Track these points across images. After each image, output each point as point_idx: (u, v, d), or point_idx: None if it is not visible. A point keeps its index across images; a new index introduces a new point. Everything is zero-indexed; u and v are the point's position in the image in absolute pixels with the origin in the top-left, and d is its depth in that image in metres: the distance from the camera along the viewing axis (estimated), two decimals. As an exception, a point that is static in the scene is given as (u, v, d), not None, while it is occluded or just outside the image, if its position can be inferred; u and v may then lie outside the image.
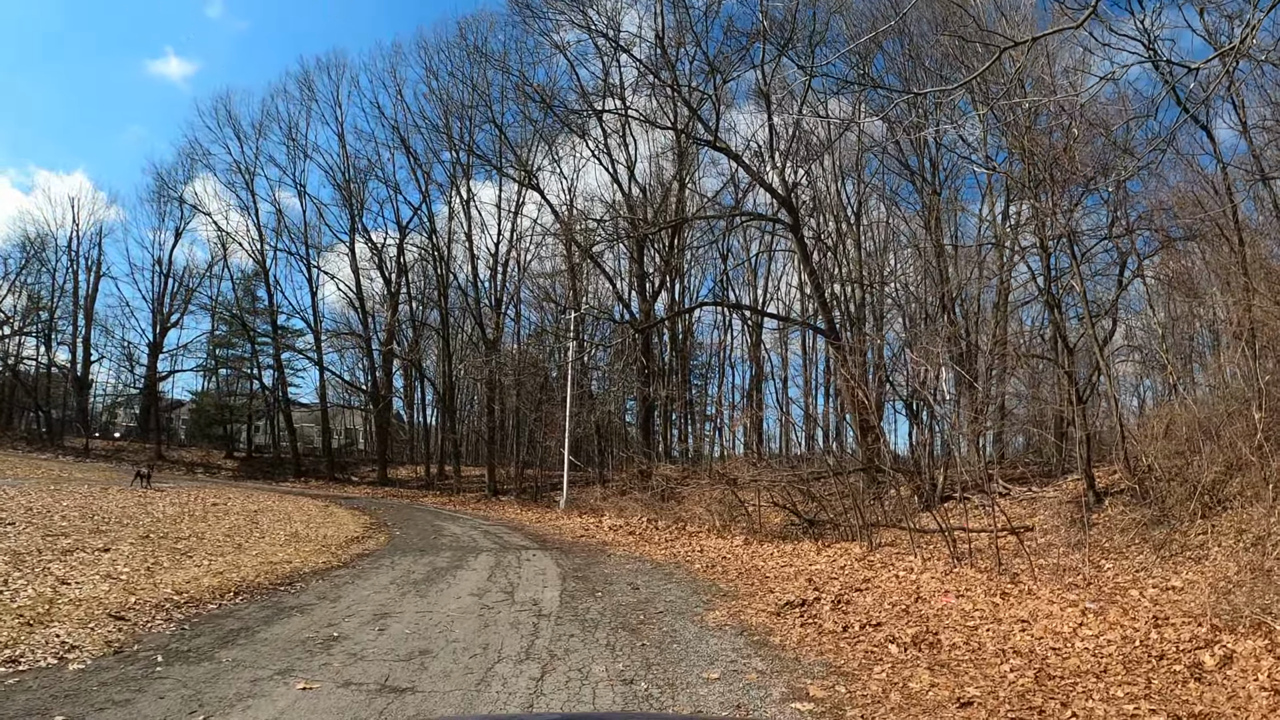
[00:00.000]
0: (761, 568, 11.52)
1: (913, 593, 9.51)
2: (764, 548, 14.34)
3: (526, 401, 30.45)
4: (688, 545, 14.64)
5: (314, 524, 15.31)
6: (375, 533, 14.53)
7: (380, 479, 35.10)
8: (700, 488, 17.27)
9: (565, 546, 13.53)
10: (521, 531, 16.41)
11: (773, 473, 15.85)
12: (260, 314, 38.45)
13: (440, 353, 36.65)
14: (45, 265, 41.31)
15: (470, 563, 10.57)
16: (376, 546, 12.36)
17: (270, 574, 9.09)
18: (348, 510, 19.70)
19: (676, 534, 16.66)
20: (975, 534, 12.98)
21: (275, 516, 16.28)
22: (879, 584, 10.14)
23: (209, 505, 17.81)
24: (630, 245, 27.52)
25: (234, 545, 11.36)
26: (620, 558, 12.08)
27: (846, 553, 13.45)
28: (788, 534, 16.73)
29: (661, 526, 18.45)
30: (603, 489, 28.27)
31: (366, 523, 16.48)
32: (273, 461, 38.97)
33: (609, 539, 15.44)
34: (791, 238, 24.59)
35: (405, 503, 26.00)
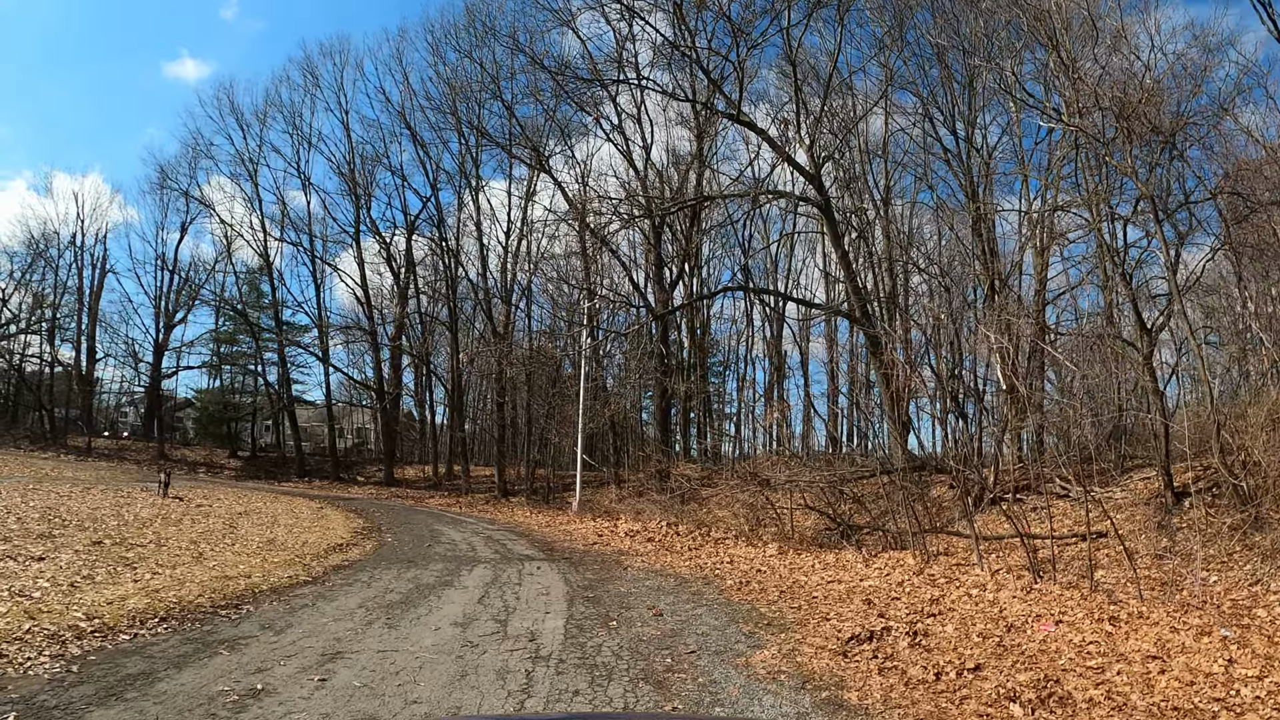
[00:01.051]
0: (805, 584, 9.84)
1: (997, 617, 7.82)
2: (801, 558, 12.66)
3: (538, 398, 28.90)
4: (714, 554, 12.96)
5: (298, 529, 13.81)
6: (363, 539, 12.99)
7: (386, 479, 33.73)
8: (726, 489, 15.58)
9: (576, 556, 11.89)
10: (528, 538, 14.81)
11: (812, 472, 14.12)
12: (265, 309, 37.26)
13: (450, 349, 35.24)
14: (49, 263, 40.46)
15: (462, 578, 8.96)
16: (359, 556, 10.80)
17: (218, 592, 7.54)
18: (342, 512, 18.22)
19: (700, 541, 14.99)
20: (1042, 541, 11.27)
21: (258, 520, 14.81)
22: (953, 606, 8.42)
23: (193, 507, 16.41)
24: (647, 232, 25.87)
25: (194, 554, 9.85)
26: (638, 571, 10.43)
27: (898, 564, 11.76)
28: (823, 540, 15.04)
29: (683, 532, 16.78)
30: (618, 490, 26.63)
31: (357, 527, 14.96)
32: (277, 461, 37.75)
33: (625, 546, 13.79)
34: (821, 218, 22.82)
35: (407, 505, 24.53)
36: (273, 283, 35.95)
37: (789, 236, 31.43)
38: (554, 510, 23.56)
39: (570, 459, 30.94)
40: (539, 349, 29.04)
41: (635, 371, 24.88)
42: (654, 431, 28.36)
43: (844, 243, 22.18)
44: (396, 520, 17.31)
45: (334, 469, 35.06)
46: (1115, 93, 12.73)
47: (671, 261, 28.18)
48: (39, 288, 40.92)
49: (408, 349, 37.22)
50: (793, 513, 15.90)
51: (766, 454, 16.41)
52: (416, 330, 37.02)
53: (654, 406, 29.42)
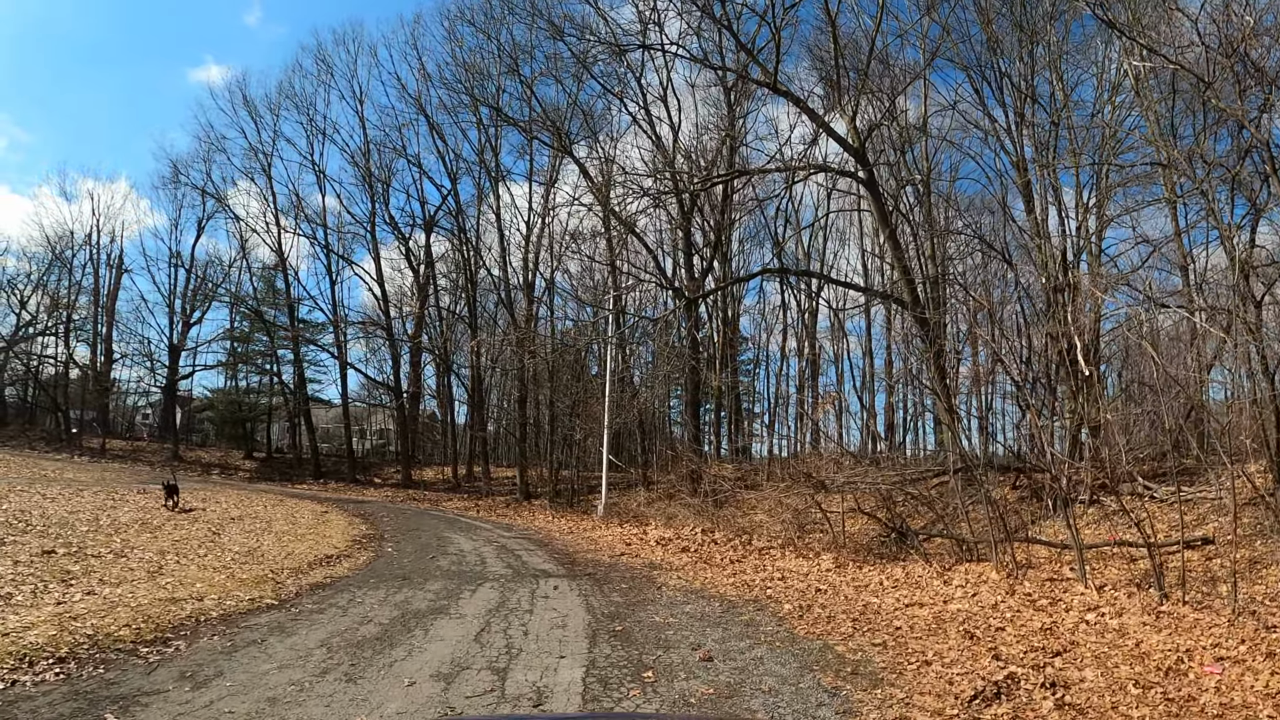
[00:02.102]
0: (880, 609, 8.11)
1: (1138, 654, 6.23)
2: (864, 573, 10.93)
3: (562, 395, 27.41)
4: (761, 569, 11.26)
5: (289, 536, 12.41)
6: (359, 549, 11.52)
7: (404, 481, 32.49)
8: (774, 492, 13.85)
9: (600, 572, 10.27)
10: (547, 547, 13.23)
11: (873, 472, 12.34)
12: (280, 307, 36.31)
13: (470, 345, 33.95)
14: (64, 263, 40.13)
15: (462, 603, 7.39)
16: (347, 571, 9.31)
17: (153, 620, 6.07)
18: (347, 517, 16.86)
19: (742, 551, 13.28)
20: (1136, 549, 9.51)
21: (250, 526, 13.46)
22: (1076, 639, 6.75)
23: (186, 511, 15.15)
24: (675, 216, 24.19)
25: (152, 568, 8.43)
26: (675, 591, 8.76)
27: (980, 579, 9.99)
28: (879, 549, 13.27)
29: (721, 540, 15.09)
30: (646, 492, 25.00)
31: (357, 534, 13.53)
32: (293, 463, 36.76)
33: (657, 558, 12.13)
34: (865, 195, 20.94)
35: (421, 508, 23.16)
36: (286, 278, 35.05)
37: (824, 222, 29.58)
38: (578, 514, 22.01)
39: (595, 459, 29.37)
40: (563, 340, 27.49)
41: (664, 363, 23.24)
42: (684, 430, 26.67)
43: (891, 220, 20.30)
44: (403, 526, 15.88)
45: (351, 471, 33.95)
46: (1221, 30, 10.75)
47: (700, 252, 26.50)
48: (55, 289, 40.65)
49: (428, 346, 36.05)
50: (844, 518, 14.16)
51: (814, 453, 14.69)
52: (438, 328, 35.83)
53: (684, 403, 27.75)
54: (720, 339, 26.77)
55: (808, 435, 28.27)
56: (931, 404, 28.15)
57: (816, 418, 15.84)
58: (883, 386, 29.25)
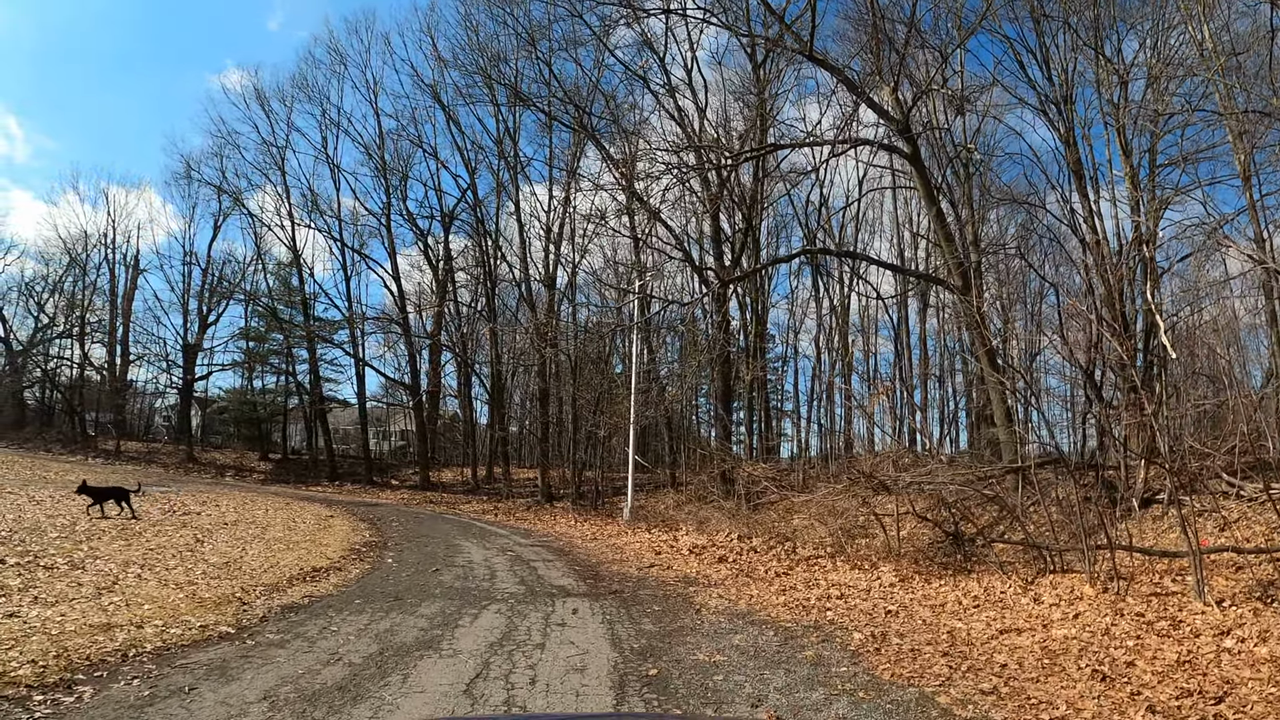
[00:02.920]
0: (969, 636, 6.69)
1: None
2: (933, 587, 9.47)
3: (585, 390, 26.14)
4: (813, 583, 9.84)
5: (282, 545, 11.25)
6: (355, 560, 10.30)
7: (422, 483, 31.48)
8: (826, 493, 12.35)
9: (628, 589, 8.92)
10: (567, 557, 11.91)
11: (949, 470, 10.82)
12: (295, 304, 35.56)
13: (489, 342, 32.88)
14: (77, 261, 39.94)
15: (459, 634, 6.08)
16: (333, 588, 8.07)
17: (74, 653, 4.89)
18: (353, 522, 15.74)
19: (786, 561, 11.84)
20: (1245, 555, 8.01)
21: (241, 533, 12.34)
22: (1232, 677, 5.48)
23: (170, 513, 14.13)
24: (703, 200, 22.77)
25: (103, 583, 7.28)
26: (718, 615, 7.38)
27: (1074, 595, 8.54)
28: (942, 558, 11.77)
29: (761, 548, 13.67)
30: (675, 494, 23.63)
31: (359, 542, 12.34)
32: (309, 464, 35.97)
33: (692, 570, 10.76)
34: (910, 171, 19.29)
35: (437, 512, 22.02)
36: (300, 273, 34.27)
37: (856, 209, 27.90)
38: (602, 518, 20.71)
39: (620, 459, 28.08)
40: (586, 328, 26.16)
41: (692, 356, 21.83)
42: (713, 428, 25.24)
43: (938, 198, 18.67)
44: (412, 532, 14.69)
45: (367, 472, 33.05)
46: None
47: (730, 239, 25.01)
48: (72, 291, 40.48)
49: (447, 344, 35.04)
50: (899, 522, 12.67)
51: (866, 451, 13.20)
52: (457, 325, 34.79)
53: (713, 399, 26.27)
54: (753, 331, 25.28)
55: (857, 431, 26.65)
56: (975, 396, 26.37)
57: (870, 410, 14.28)
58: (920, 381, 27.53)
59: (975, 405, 25.44)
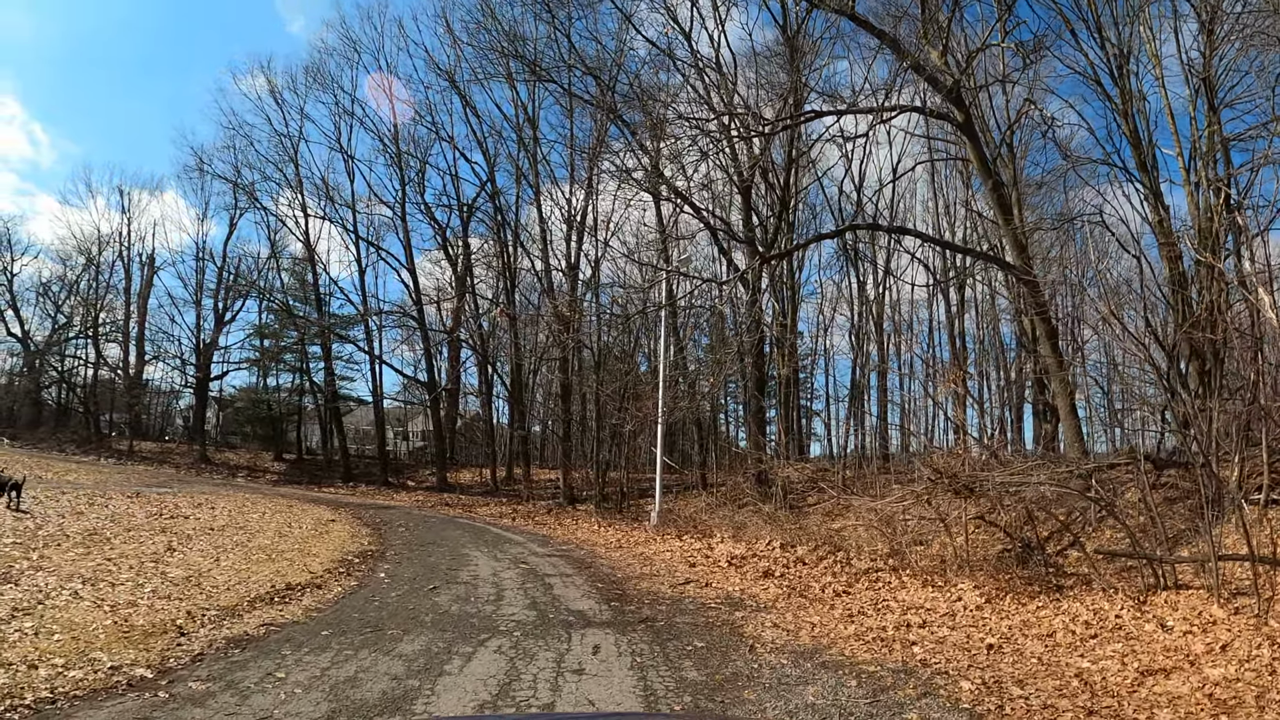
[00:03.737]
0: (1106, 683, 5.25)
1: None
2: (1027, 610, 7.93)
3: (609, 382, 24.72)
4: (882, 605, 8.29)
5: (265, 555, 9.95)
6: (343, 574, 8.95)
7: (439, 484, 30.29)
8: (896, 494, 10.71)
9: (662, 614, 7.42)
10: (590, 570, 10.45)
11: (1051, 468, 9.16)
12: (309, 301, 34.62)
13: (508, 331, 31.64)
14: (92, 260, 39.59)
15: (441, 685, 4.65)
16: (303, 614, 6.70)
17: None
18: (355, 526, 14.48)
19: (844, 576, 10.26)
20: None
21: (223, 540, 11.09)
22: None
23: (156, 515, 12.96)
24: (736, 172, 21.18)
25: (26, 604, 5.98)
26: (778, 655, 5.85)
27: (1200, 617, 6.98)
28: (1010, 569, 10.14)
29: (810, 559, 12.10)
30: (706, 497, 22.10)
31: (355, 551, 11.02)
32: (324, 465, 35.01)
33: (735, 588, 9.24)
34: (964, 143, 17.53)
35: (451, 515, 20.72)
36: (314, 267, 33.28)
37: (892, 191, 26.10)
38: (627, 523, 19.26)
39: (646, 459, 26.58)
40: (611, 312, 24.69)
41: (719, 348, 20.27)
42: (744, 426, 23.63)
43: (994, 170, 16.90)
44: (417, 539, 13.35)
45: (383, 473, 31.95)
46: None
47: (762, 224, 23.39)
48: (88, 291, 40.14)
49: (466, 340, 33.89)
50: (968, 529, 11.06)
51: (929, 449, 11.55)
52: (476, 320, 33.58)
53: (745, 395, 24.67)
54: (786, 323, 23.63)
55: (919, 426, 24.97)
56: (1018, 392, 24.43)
57: (939, 397, 12.54)
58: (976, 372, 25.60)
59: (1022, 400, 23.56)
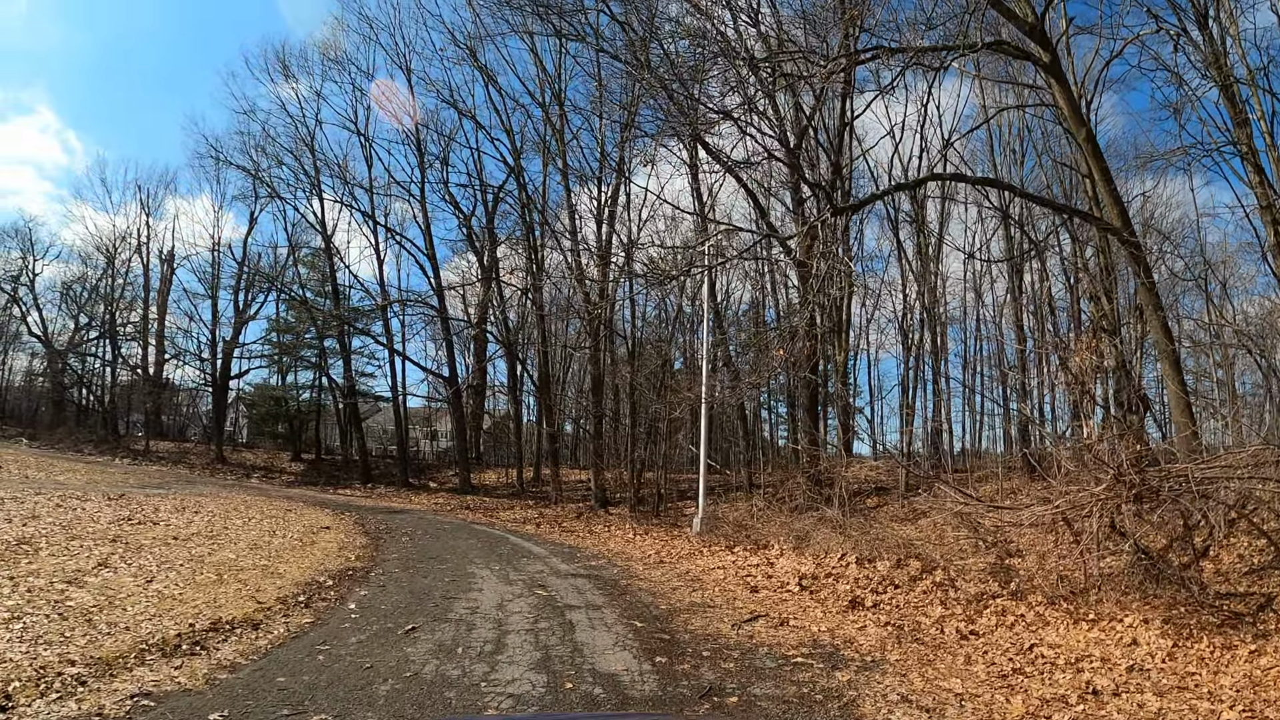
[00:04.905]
0: None
1: None
2: (1240, 657, 5.48)
3: (644, 375, 22.55)
4: (1036, 658, 5.94)
5: (216, 574, 7.98)
6: (303, 604, 6.90)
7: (462, 485, 28.43)
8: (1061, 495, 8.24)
9: (730, 678, 5.17)
10: (624, 600, 8.23)
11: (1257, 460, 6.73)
12: (325, 294, 33.09)
13: (536, 328, 29.68)
14: (108, 257, 38.77)
15: None
16: (199, 678, 4.63)
17: None
18: (351, 536, 12.52)
19: (958, 607, 7.87)
20: None
21: (174, 555, 9.17)
22: None
23: (124, 520, 11.17)
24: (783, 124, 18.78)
25: None
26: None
27: None
28: (1143, 589, 7.78)
29: (898, 579, 9.73)
30: (751, 499, 19.79)
31: (335, 569, 9.01)
32: (342, 465, 33.46)
33: (820, 628, 6.95)
34: (1050, 85, 14.83)
35: (468, 520, 18.70)
36: (330, 257, 31.70)
37: (963, 145, 23.37)
38: (666, 529, 17.05)
39: (685, 458, 24.44)
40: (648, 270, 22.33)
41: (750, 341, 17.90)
42: (801, 416, 21.18)
43: (1086, 118, 14.25)
44: (419, 551, 11.31)
45: (403, 473, 30.22)
46: None
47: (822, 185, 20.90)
48: (108, 291, 39.36)
49: (494, 333, 31.97)
50: (1100, 542, 8.59)
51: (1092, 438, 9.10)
52: (508, 317, 31.70)
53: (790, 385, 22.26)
54: (844, 301, 21.18)
55: (1028, 411, 22.43)
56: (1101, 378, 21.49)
57: (1077, 368, 9.95)
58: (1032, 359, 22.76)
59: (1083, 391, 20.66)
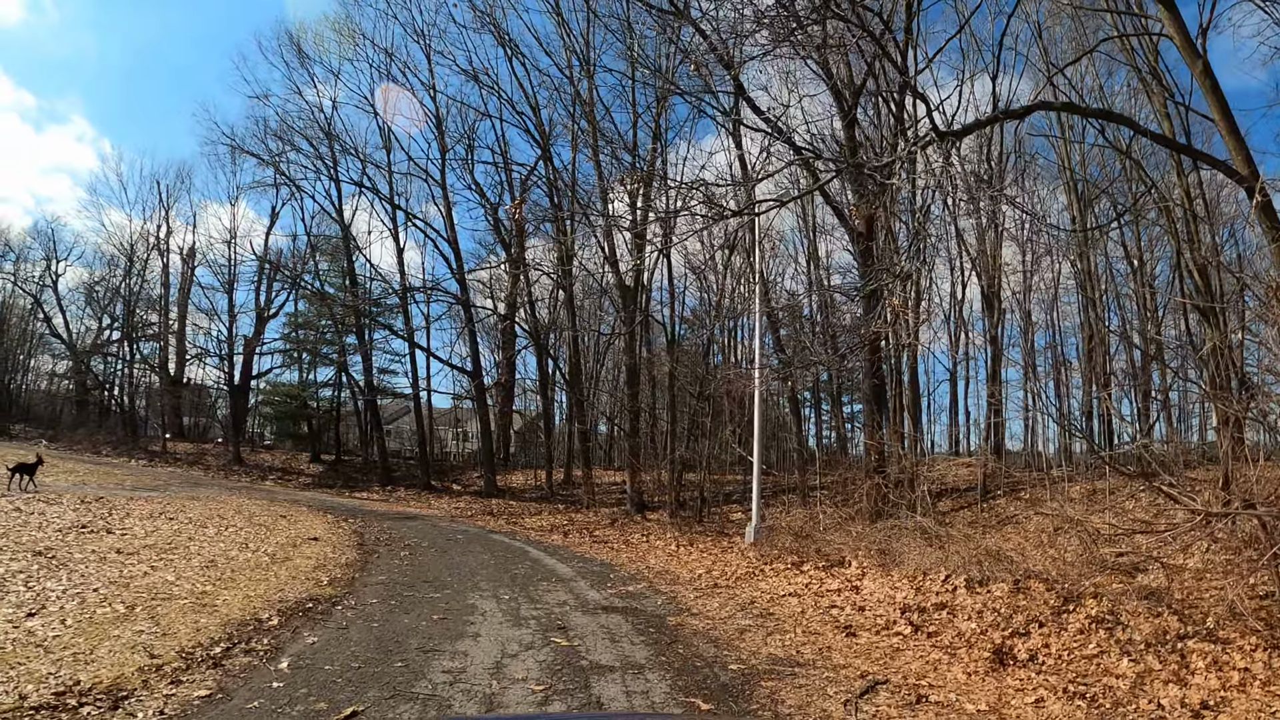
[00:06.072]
0: None
1: None
2: None
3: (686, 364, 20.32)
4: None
5: (124, 608, 5.98)
6: (204, 666, 4.83)
7: (487, 488, 26.53)
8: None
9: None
10: (676, 650, 5.99)
11: None
12: (345, 289, 31.54)
13: (565, 311, 27.69)
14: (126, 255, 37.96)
15: None
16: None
17: None
18: (337, 548, 10.55)
19: (1170, 660, 5.46)
20: None
21: (104, 572, 7.25)
22: None
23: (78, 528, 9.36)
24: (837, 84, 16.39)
25: None
26: None
27: None
28: None
29: (1039, 612, 7.31)
30: (823, 505, 17.40)
31: (292, 598, 6.97)
32: (361, 466, 31.87)
33: (972, 702, 4.63)
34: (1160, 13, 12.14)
35: (487, 529, 16.64)
36: (348, 243, 30.07)
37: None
38: (713, 539, 14.79)
39: (732, 459, 22.10)
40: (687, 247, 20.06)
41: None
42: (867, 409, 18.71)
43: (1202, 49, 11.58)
44: (414, 573, 9.24)
45: (424, 475, 28.44)
46: None
47: (897, 111, 18.45)
48: (129, 292, 38.56)
49: (523, 326, 30.09)
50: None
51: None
52: (537, 311, 29.80)
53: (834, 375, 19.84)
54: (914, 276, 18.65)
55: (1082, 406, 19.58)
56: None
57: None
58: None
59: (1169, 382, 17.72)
